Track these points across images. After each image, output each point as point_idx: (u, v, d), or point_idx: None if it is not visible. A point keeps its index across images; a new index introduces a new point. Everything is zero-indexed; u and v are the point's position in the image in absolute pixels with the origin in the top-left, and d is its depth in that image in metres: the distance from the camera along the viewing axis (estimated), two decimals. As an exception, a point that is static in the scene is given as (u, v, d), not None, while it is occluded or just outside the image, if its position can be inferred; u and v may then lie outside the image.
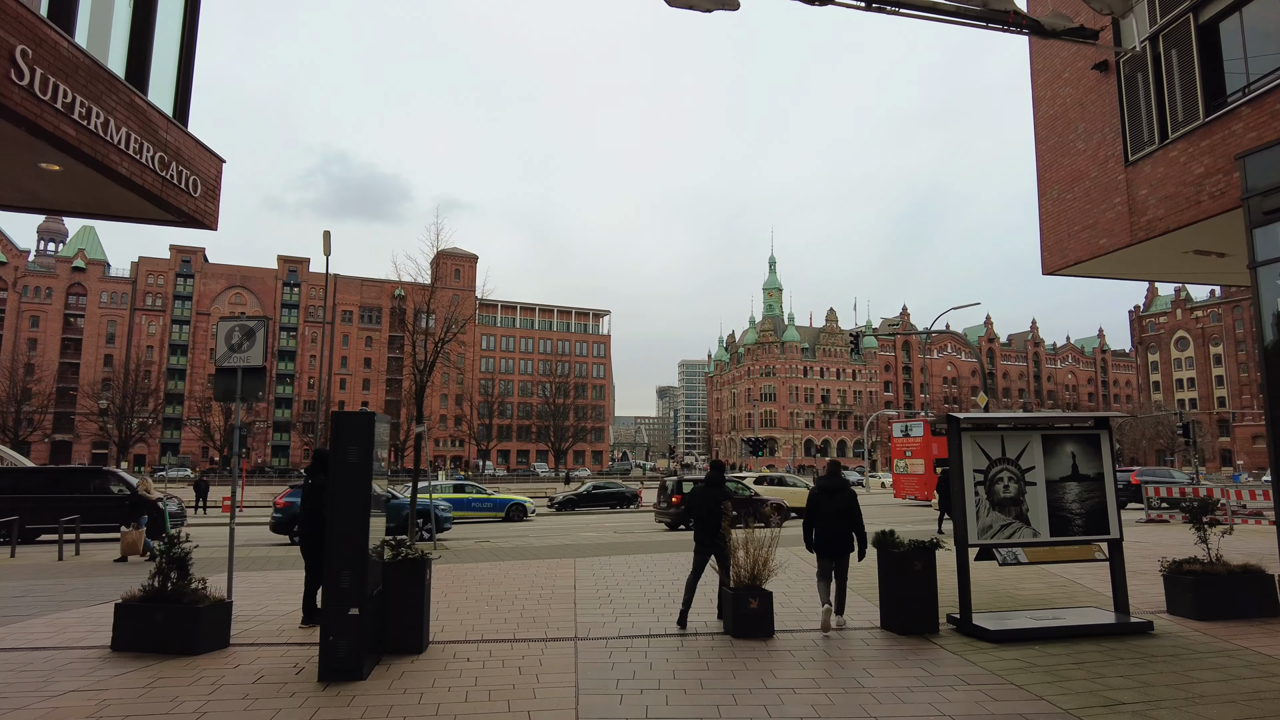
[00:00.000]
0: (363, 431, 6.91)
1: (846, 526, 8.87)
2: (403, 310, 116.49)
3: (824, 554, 8.91)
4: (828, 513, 8.92)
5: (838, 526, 8.86)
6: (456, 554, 16.53)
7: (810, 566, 13.29)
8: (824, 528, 8.91)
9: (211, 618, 7.72)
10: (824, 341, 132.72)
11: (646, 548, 17.36)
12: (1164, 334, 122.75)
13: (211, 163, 11.26)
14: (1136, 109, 14.64)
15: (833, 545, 8.86)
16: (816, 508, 9.04)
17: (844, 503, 8.91)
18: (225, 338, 10.02)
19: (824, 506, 8.98)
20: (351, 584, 6.68)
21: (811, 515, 9.06)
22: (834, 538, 8.85)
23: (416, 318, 18.68)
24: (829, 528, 8.88)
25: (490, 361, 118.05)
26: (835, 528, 8.86)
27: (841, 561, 8.92)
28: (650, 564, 14.30)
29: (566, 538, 21.03)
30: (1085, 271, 16.65)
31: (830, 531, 8.86)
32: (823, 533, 8.90)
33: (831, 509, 8.92)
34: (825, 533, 8.88)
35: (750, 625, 8.34)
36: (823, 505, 8.99)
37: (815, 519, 9.01)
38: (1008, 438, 8.66)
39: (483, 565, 14.46)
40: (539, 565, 14.32)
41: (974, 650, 7.60)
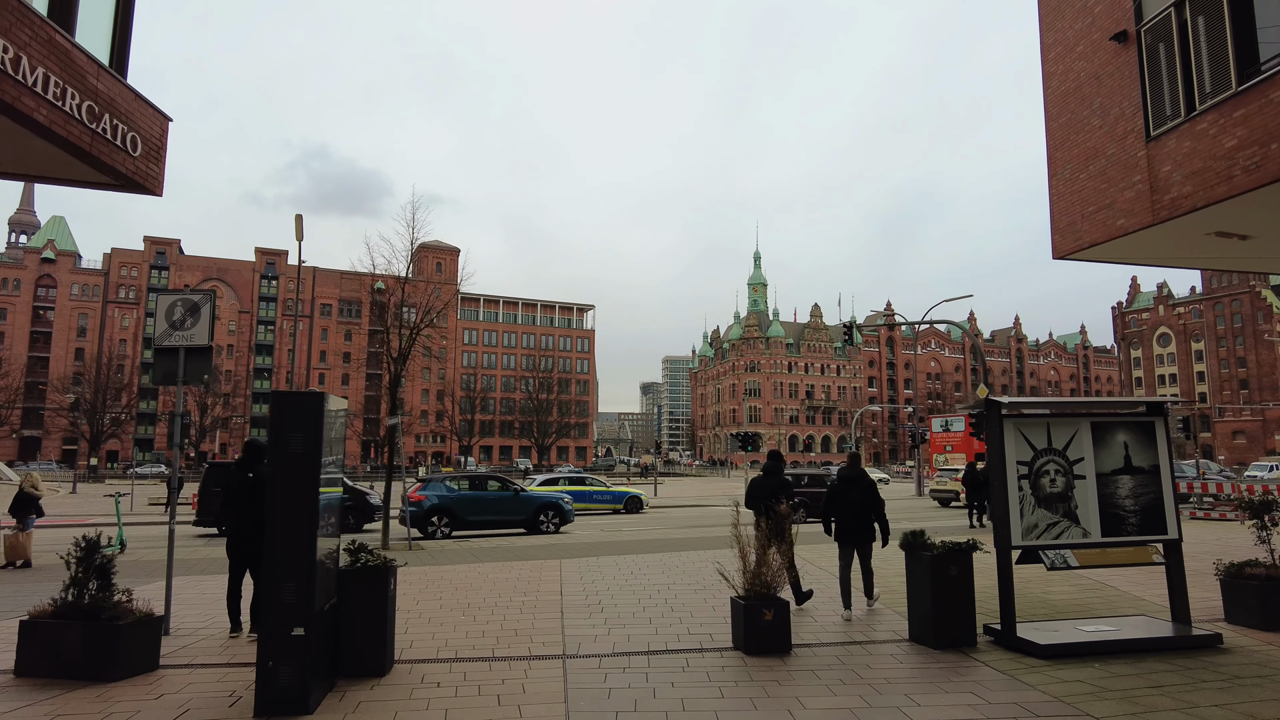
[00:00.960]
0: (309, 415, 5.78)
1: (868, 514, 9.14)
2: (383, 304, 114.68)
3: (846, 541, 9.23)
4: (849, 502, 9.19)
5: (859, 515, 9.15)
6: (432, 554, 15.38)
7: (815, 568, 12.34)
8: (846, 517, 9.20)
9: (136, 636, 6.56)
10: (808, 337, 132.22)
11: (636, 547, 16.30)
12: (1146, 330, 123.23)
13: (155, 120, 10.04)
14: (1159, 81, 13.65)
15: (855, 533, 9.19)
16: (837, 498, 9.32)
17: (864, 491, 9.17)
18: (166, 313, 8.84)
19: (845, 496, 9.24)
20: (296, 598, 5.55)
21: (832, 505, 9.37)
22: (856, 526, 9.17)
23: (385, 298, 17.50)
24: (851, 516, 9.18)
25: (472, 356, 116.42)
26: (857, 516, 9.16)
27: (865, 549, 9.25)
28: (642, 566, 13.23)
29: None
30: (1099, 255, 15.75)
31: (852, 520, 9.17)
32: (844, 521, 9.21)
33: (852, 498, 9.19)
34: (847, 521, 9.20)
35: (765, 640, 7.28)
36: (844, 495, 9.25)
37: (836, 508, 9.31)
38: (1054, 425, 7.67)
39: (460, 568, 13.33)
40: (521, 567, 13.21)
41: (1025, 669, 6.58)
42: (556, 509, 21.05)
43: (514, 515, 20.47)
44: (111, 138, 8.95)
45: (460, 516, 19.77)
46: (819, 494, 24.41)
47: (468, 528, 20.02)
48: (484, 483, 21.45)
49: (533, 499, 20.99)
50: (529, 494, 21.32)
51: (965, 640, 7.46)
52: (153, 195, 10.04)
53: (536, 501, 20.91)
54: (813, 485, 24.50)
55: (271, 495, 5.69)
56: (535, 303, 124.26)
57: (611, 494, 31.06)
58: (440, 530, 19.42)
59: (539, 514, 20.72)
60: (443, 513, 19.54)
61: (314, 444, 5.72)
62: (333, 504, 6.44)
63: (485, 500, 20.49)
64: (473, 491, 20.70)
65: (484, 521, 20.25)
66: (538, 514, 20.68)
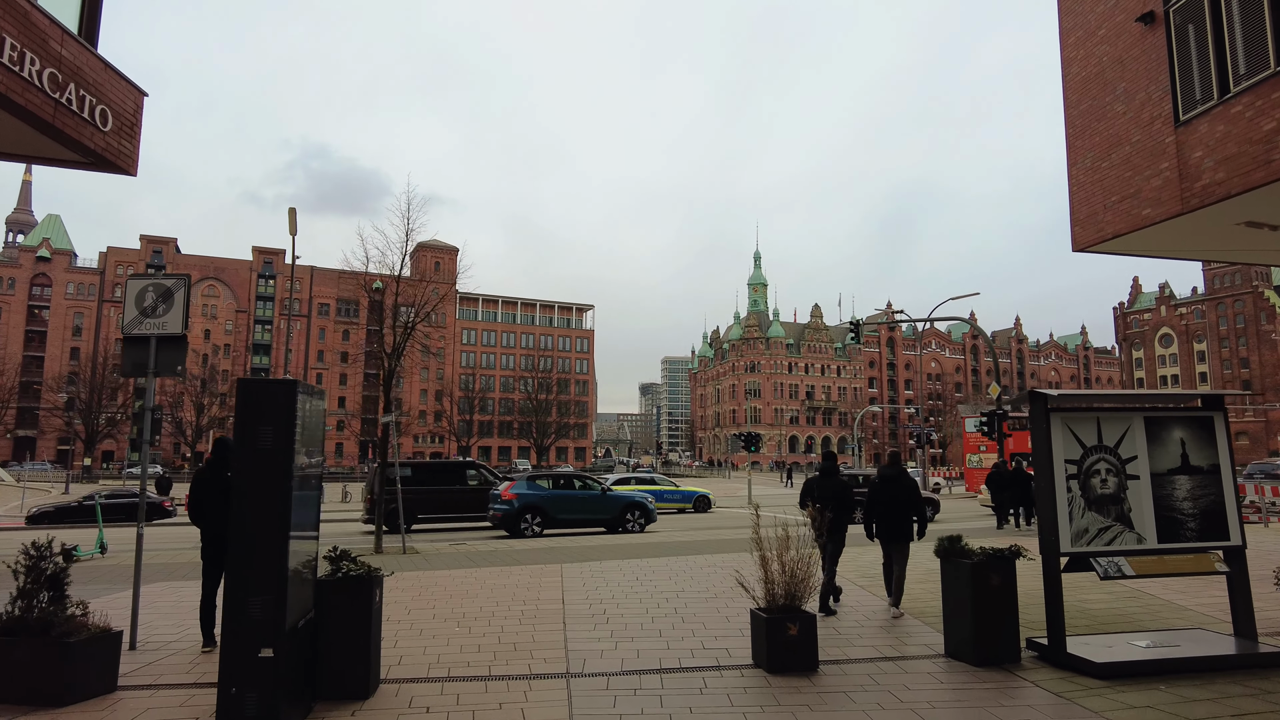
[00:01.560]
0: (281, 406, 5.10)
1: (907, 512, 9.11)
2: (380, 303, 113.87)
3: (887, 540, 9.18)
4: (889, 500, 9.14)
5: (899, 513, 9.10)
6: (427, 559, 14.70)
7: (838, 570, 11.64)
8: (886, 515, 9.13)
9: (90, 654, 5.88)
10: (809, 337, 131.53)
11: (641, 551, 15.62)
12: (1148, 330, 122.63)
13: (128, 93, 9.36)
14: (1189, 63, 12.96)
15: (894, 532, 9.12)
16: (878, 496, 9.25)
17: (904, 490, 9.17)
18: (136, 299, 8.15)
19: (885, 494, 9.19)
20: (265, 615, 4.87)
21: (873, 504, 9.28)
22: (896, 525, 9.11)
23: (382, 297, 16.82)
24: (891, 515, 9.11)
25: (471, 356, 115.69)
26: (897, 515, 9.10)
27: (902, 548, 9.15)
28: (648, 571, 12.54)
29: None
30: (1121, 247, 15.08)
31: (892, 518, 9.11)
32: (885, 520, 9.15)
33: (892, 496, 9.14)
34: (887, 520, 9.13)
35: (789, 657, 6.61)
36: (885, 494, 9.19)
37: (876, 507, 9.23)
38: (1104, 421, 6.99)
39: (456, 573, 12.64)
40: (520, 572, 12.53)
41: (1083, 691, 5.91)
42: (641, 508, 21.29)
43: (601, 514, 20.69)
44: (78, 110, 8.28)
45: (551, 515, 20.01)
46: None
47: (558, 526, 20.25)
48: (571, 481, 21.60)
49: (619, 498, 21.30)
50: (615, 493, 21.55)
51: (1008, 656, 6.79)
52: (126, 174, 9.38)
53: (622, 501, 21.22)
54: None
55: (237, 498, 5.00)
56: (534, 302, 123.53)
57: (681, 493, 31.55)
58: (532, 528, 19.67)
59: (625, 513, 20.95)
60: (535, 511, 19.79)
61: (285, 438, 5.04)
62: (309, 506, 5.76)
63: (575, 499, 20.68)
64: (563, 490, 20.89)
65: (573, 520, 20.48)
66: (624, 513, 20.92)
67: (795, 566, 6.83)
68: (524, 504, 19.83)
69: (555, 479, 21.62)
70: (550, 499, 20.28)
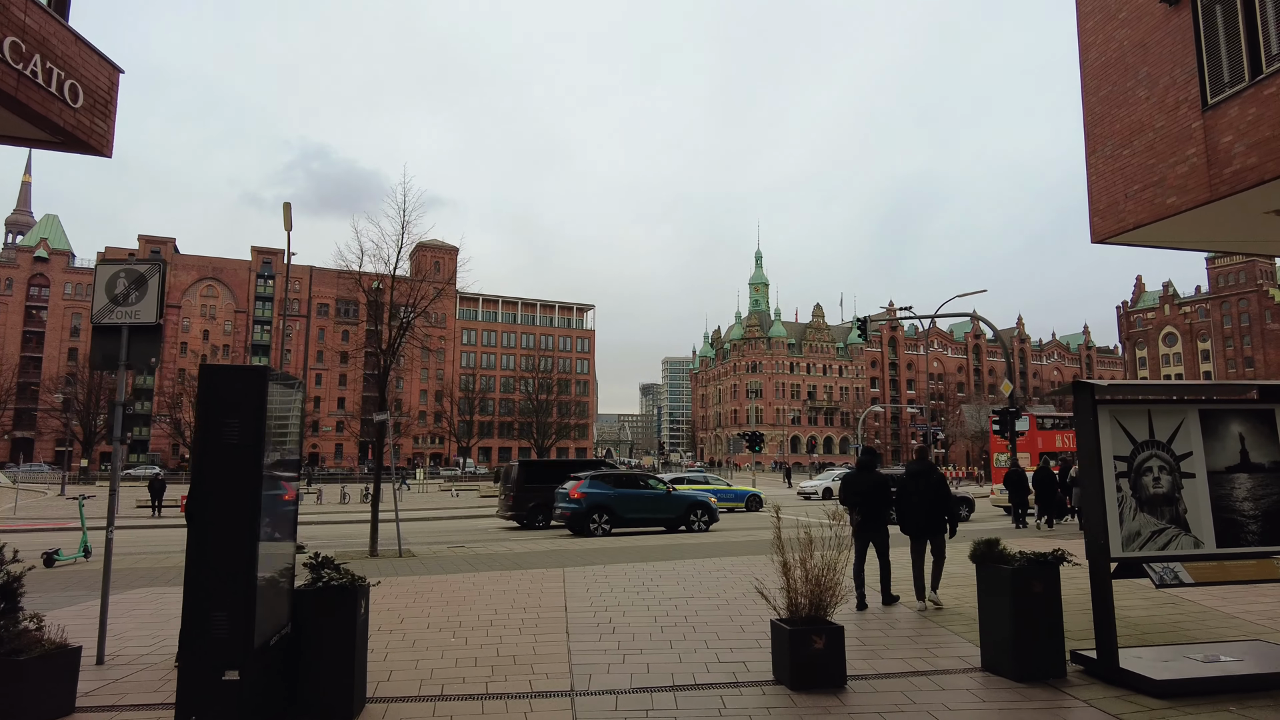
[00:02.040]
0: (249, 397, 4.52)
1: (939, 507, 9.28)
2: (380, 303, 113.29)
3: (918, 535, 9.39)
4: (920, 495, 9.30)
5: (931, 508, 9.28)
6: (424, 562, 14.12)
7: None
8: (916, 510, 9.33)
9: (44, 672, 5.30)
10: (810, 337, 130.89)
11: (645, 554, 15.04)
12: (1152, 330, 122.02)
13: (100, 69, 8.80)
14: (1217, 44, 12.40)
15: (927, 526, 9.32)
16: (909, 492, 9.42)
17: (933, 485, 9.32)
18: (107, 286, 7.59)
19: (915, 489, 9.37)
20: (230, 632, 4.30)
21: (904, 499, 9.48)
22: (927, 519, 9.30)
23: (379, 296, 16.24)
24: (922, 510, 9.30)
25: (471, 357, 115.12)
26: (928, 509, 9.28)
27: (937, 541, 9.36)
28: (654, 575, 11.97)
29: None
30: (1143, 239, 14.54)
31: (923, 513, 9.29)
32: (915, 515, 9.34)
33: (923, 491, 9.31)
34: (918, 515, 9.32)
35: (815, 672, 6.04)
36: (914, 490, 9.37)
37: (908, 503, 9.42)
38: (1156, 414, 6.41)
39: (453, 578, 12.06)
40: (520, 577, 11.95)
41: (1143, 712, 5.33)
42: (705, 507, 21.25)
43: (667, 514, 20.71)
44: (45, 83, 7.72)
45: (619, 514, 20.04)
46: None
47: (625, 525, 20.25)
48: (637, 481, 21.52)
49: (684, 498, 21.30)
50: (680, 493, 21.50)
51: (1052, 670, 6.21)
52: (100, 155, 8.83)
53: (687, 500, 21.22)
54: None
55: (198, 499, 4.43)
56: (535, 302, 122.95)
57: (734, 492, 31.85)
58: (601, 528, 19.65)
59: (690, 512, 20.95)
60: (603, 510, 19.80)
61: (254, 432, 4.47)
62: (284, 508, 5.19)
63: (642, 498, 20.66)
64: (629, 489, 20.79)
65: (639, 519, 20.48)
66: (689, 512, 20.93)
67: (821, 574, 6.26)
68: (592, 503, 19.79)
69: (618, 478, 21.42)
70: (618, 498, 20.25)
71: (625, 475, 21.93)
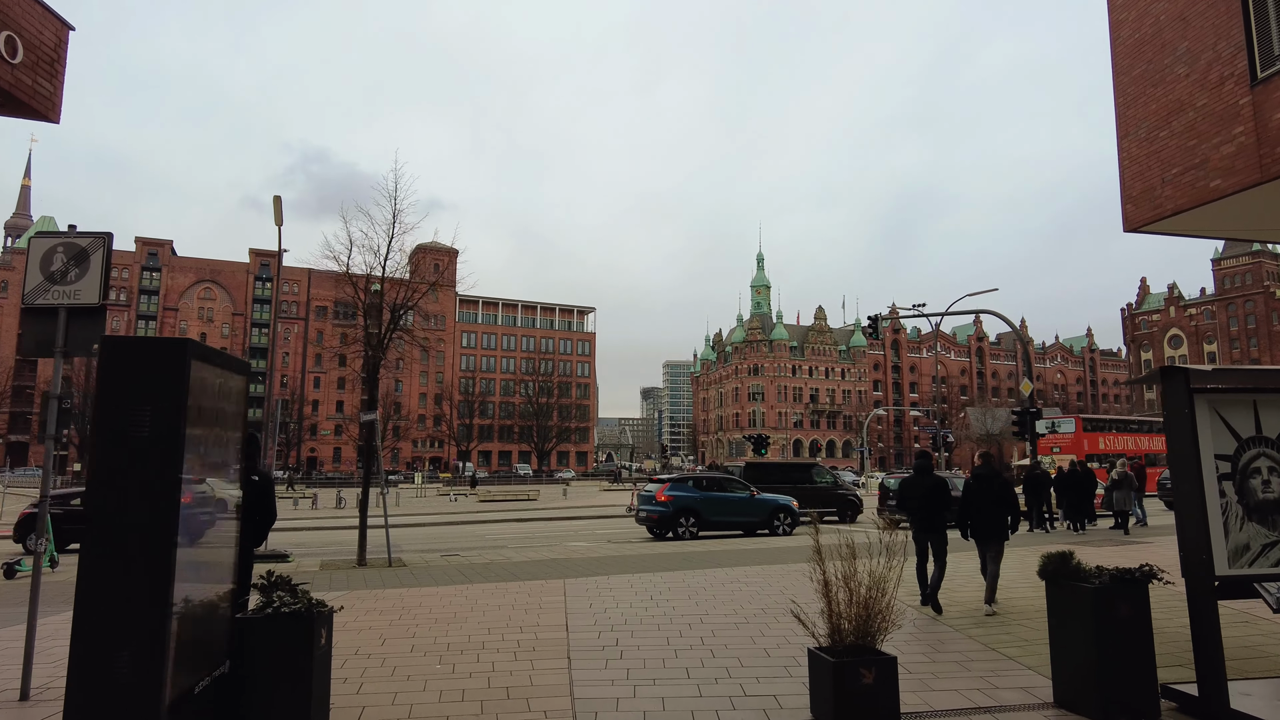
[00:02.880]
0: (166, 379, 3.56)
1: (1003, 512, 9.26)
2: (379, 305, 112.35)
3: (982, 539, 9.35)
4: (985, 499, 9.26)
5: (996, 512, 9.24)
6: (414, 573, 13.15)
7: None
8: (982, 515, 9.28)
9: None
10: (812, 340, 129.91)
11: (651, 564, 14.06)
12: (1157, 331, 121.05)
13: (46, 23, 7.85)
14: (1266, 13, 11.44)
15: (990, 531, 9.28)
16: (974, 497, 9.37)
17: (998, 490, 9.29)
18: (42, 263, 6.64)
19: (980, 494, 9.32)
20: (135, 677, 3.34)
21: (968, 504, 9.41)
22: (991, 524, 9.26)
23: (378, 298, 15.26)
24: (987, 515, 9.25)
25: (471, 359, 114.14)
26: (993, 514, 9.24)
27: (997, 547, 9.33)
28: (663, 588, 11.00)
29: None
30: (1180, 226, 13.59)
31: (987, 518, 9.25)
32: (980, 520, 9.29)
33: (988, 497, 9.26)
34: (983, 520, 9.28)
35: (863, 711, 5.07)
36: (980, 493, 9.32)
37: (972, 507, 9.36)
38: (1263, 406, 5.45)
39: (443, 590, 11.08)
40: (518, 590, 10.98)
41: (1273, 768, 4.37)
42: (789, 511, 20.66)
43: (752, 517, 20.36)
44: (-26, 33, 6.80)
45: (706, 517, 19.81)
46: None
47: (711, 528, 19.97)
48: (722, 484, 21.13)
49: (769, 501, 20.77)
50: (764, 496, 20.95)
51: (1144, 710, 5.25)
52: (45, 120, 7.87)
53: (771, 504, 20.70)
54: None
55: (95, 507, 3.47)
56: (535, 305, 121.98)
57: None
58: (688, 531, 19.40)
59: (774, 515, 20.49)
60: (691, 513, 19.57)
61: (171, 424, 3.50)
62: (219, 517, 4.23)
63: (728, 501, 20.33)
64: (715, 492, 20.48)
65: (725, 522, 20.17)
66: (773, 516, 20.47)
67: (869, 594, 5.30)
68: (680, 506, 19.58)
69: (710, 481, 21.17)
70: (704, 501, 19.99)
71: (710, 478, 21.68)
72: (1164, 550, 13.45)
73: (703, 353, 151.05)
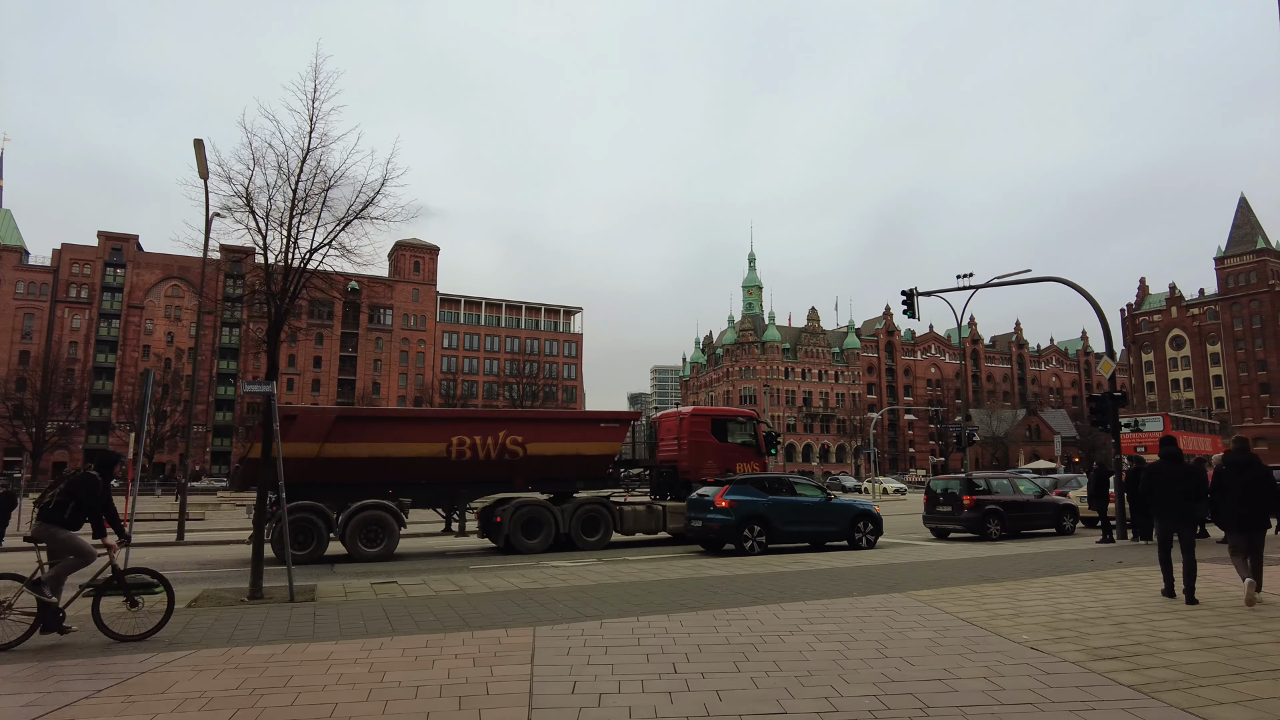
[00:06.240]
0: None
1: (1265, 498, 8.77)
2: (357, 305, 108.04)
3: (1240, 529, 8.84)
4: (1241, 487, 8.79)
5: (1258, 500, 8.76)
6: (319, 611, 9.08)
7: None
8: (1237, 504, 8.80)
9: None
10: (805, 342, 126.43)
11: (660, 598, 10.02)
12: (1158, 332, 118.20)
13: None
14: None
15: (1250, 521, 8.78)
16: (1227, 484, 8.92)
17: (1256, 478, 8.76)
18: None
19: (1237, 480, 8.83)
20: None
21: (1224, 491, 8.93)
22: (1251, 513, 8.78)
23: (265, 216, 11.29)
24: (1244, 503, 8.77)
25: (452, 361, 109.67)
26: (1254, 501, 8.76)
27: (1257, 537, 8.83)
28: (689, 646, 6.98)
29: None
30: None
31: (1246, 507, 8.76)
32: (1236, 509, 8.81)
33: (1244, 484, 8.78)
34: (1241, 509, 8.78)
35: None
36: (1236, 479, 8.84)
37: (1226, 496, 8.90)
38: None
39: (342, 650, 7.02)
40: (459, 651, 6.94)
41: None
42: (871, 518, 17.47)
43: (828, 526, 17.13)
44: None
45: (777, 527, 16.44)
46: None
47: (782, 540, 16.76)
48: (790, 485, 17.61)
49: (848, 506, 17.60)
50: (842, 500, 17.90)
51: None
52: None
53: (852, 510, 17.47)
54: None
55: None
56: (520, 305, 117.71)
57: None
58: (755, 543, 16.07)
59: (854, 524, 17.25)
60: (759, 521, 16.17)
61: None
62: None
63: (801, 507, 17.00)
64: (786, 496, 17.00)
65: (798, 533, 16.90)
66: (853, 524, 17.24)
67: None
68: (745, 513, 16.07)
69: (763, 482, 17.23)
70: (774, 507, 16.48)
71: (775, 479, 17.72)
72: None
73: (692, 356, 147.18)
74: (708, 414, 21.33)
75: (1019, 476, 23.29)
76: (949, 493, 19.14)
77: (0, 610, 7.30)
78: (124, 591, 7.86)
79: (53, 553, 7.59)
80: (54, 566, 7.53)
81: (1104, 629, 7.44)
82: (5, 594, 7.49)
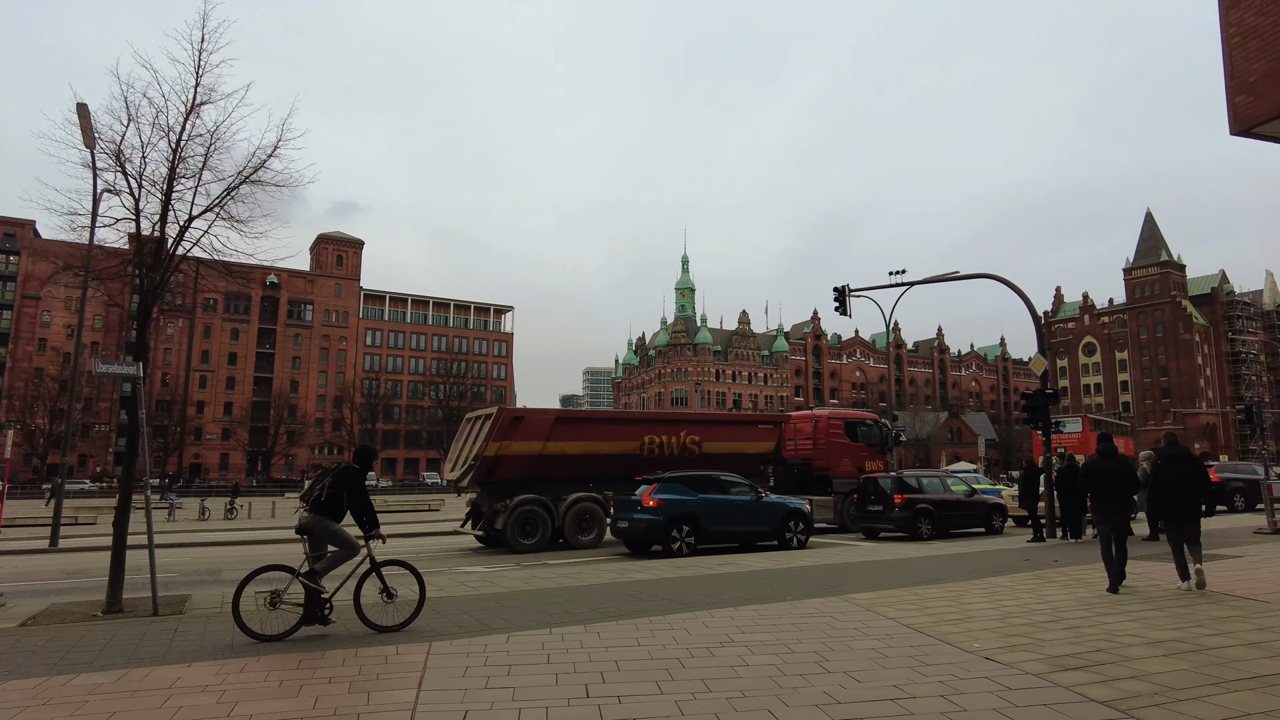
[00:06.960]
0: None
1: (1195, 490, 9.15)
2: (276, 300, 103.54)
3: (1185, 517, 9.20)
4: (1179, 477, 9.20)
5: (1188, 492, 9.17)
6: (182, 627, 7.86)
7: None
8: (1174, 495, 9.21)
9: None
10: (736, 344, 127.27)
11: (580, 604, 9.10)
12: (1072, 339, 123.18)
13: None
14: None
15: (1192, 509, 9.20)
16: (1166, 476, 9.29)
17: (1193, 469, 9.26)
18: None
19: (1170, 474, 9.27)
20: None
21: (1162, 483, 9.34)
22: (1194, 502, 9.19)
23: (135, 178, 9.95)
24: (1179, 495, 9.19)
25: (376, 359, 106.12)
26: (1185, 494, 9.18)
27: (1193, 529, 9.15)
28: (607, 662, 6.08)
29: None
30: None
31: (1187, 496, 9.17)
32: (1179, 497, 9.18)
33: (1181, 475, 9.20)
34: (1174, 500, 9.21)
35: None
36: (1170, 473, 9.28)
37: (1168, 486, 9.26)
38: None
39: (193, 676, 5.86)
40: (334, 673, 5.88)
41: None
42: (802, 517, 16.95)
43: (759, 526, 16.58)
44: None
45: (707, 527, 15.92)
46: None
47: (712, 540, 16.30)
48: (720, 484, 16.76)
49: (779, 505, 16.93)
50: (773, 499, 17.21)
51: None
52: None
53: (782, 509, 16.85)
54: None
55: None
56: (448, 302, 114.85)
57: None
58: (684, 544, 15.58)
59: (786, 523, 16.73)
60: (687, 521, 15.65)
61: None
62: None
63: (732, 506, 16.40)
64: (716, 495, 16.37)
65: (729, 533, 16.41)
66: (784, 523, 16.71)
67: None
68: (674, 513, 15.51)
69: (693, 479, 16.45)
70: (704, 506, 15.90)
71: (704, 477, 16.93)
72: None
73: (625, 357, 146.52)
74: (842, 417, 23.32)
75: (951, 475, 23.20)
76: (880, 491, 18.72)
77: (272, 601, 7.23)
78: (381, 583, 7.63)
79: (314, 544, 7.56)
80: (323, 559, 7.49)
81: (1058, 633, 6.86)
82: (277, 584, 7.35)
